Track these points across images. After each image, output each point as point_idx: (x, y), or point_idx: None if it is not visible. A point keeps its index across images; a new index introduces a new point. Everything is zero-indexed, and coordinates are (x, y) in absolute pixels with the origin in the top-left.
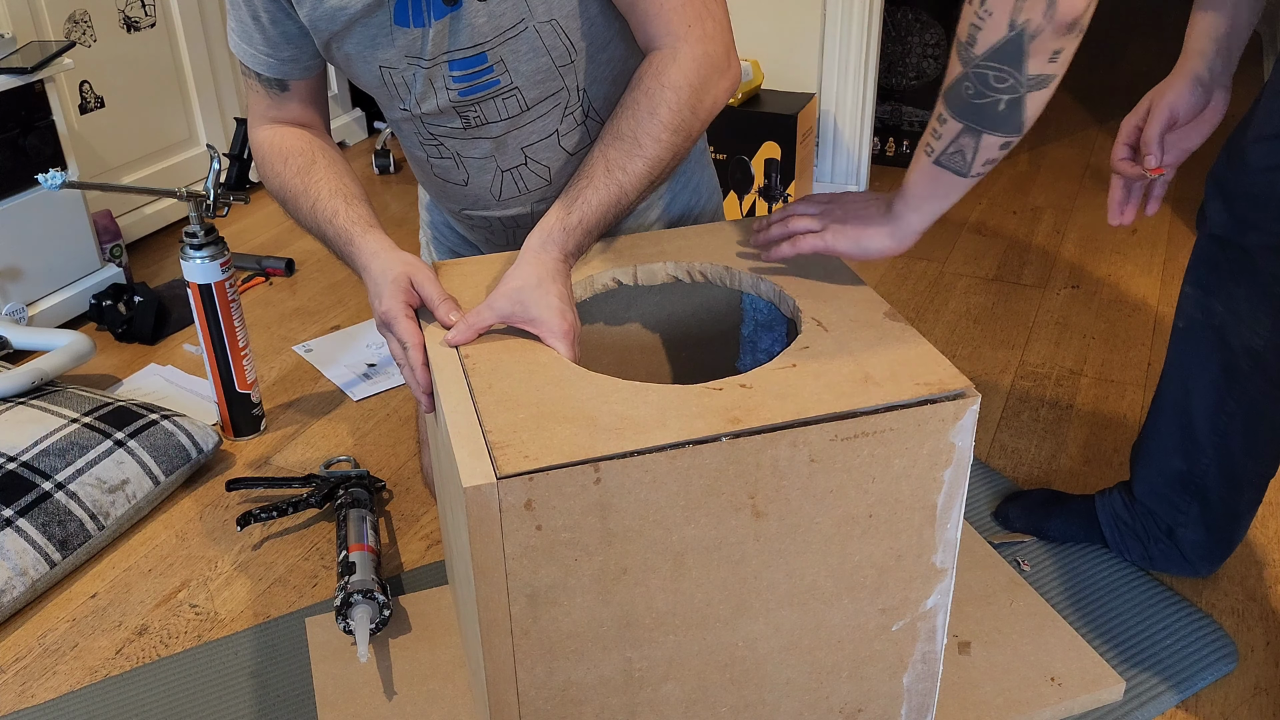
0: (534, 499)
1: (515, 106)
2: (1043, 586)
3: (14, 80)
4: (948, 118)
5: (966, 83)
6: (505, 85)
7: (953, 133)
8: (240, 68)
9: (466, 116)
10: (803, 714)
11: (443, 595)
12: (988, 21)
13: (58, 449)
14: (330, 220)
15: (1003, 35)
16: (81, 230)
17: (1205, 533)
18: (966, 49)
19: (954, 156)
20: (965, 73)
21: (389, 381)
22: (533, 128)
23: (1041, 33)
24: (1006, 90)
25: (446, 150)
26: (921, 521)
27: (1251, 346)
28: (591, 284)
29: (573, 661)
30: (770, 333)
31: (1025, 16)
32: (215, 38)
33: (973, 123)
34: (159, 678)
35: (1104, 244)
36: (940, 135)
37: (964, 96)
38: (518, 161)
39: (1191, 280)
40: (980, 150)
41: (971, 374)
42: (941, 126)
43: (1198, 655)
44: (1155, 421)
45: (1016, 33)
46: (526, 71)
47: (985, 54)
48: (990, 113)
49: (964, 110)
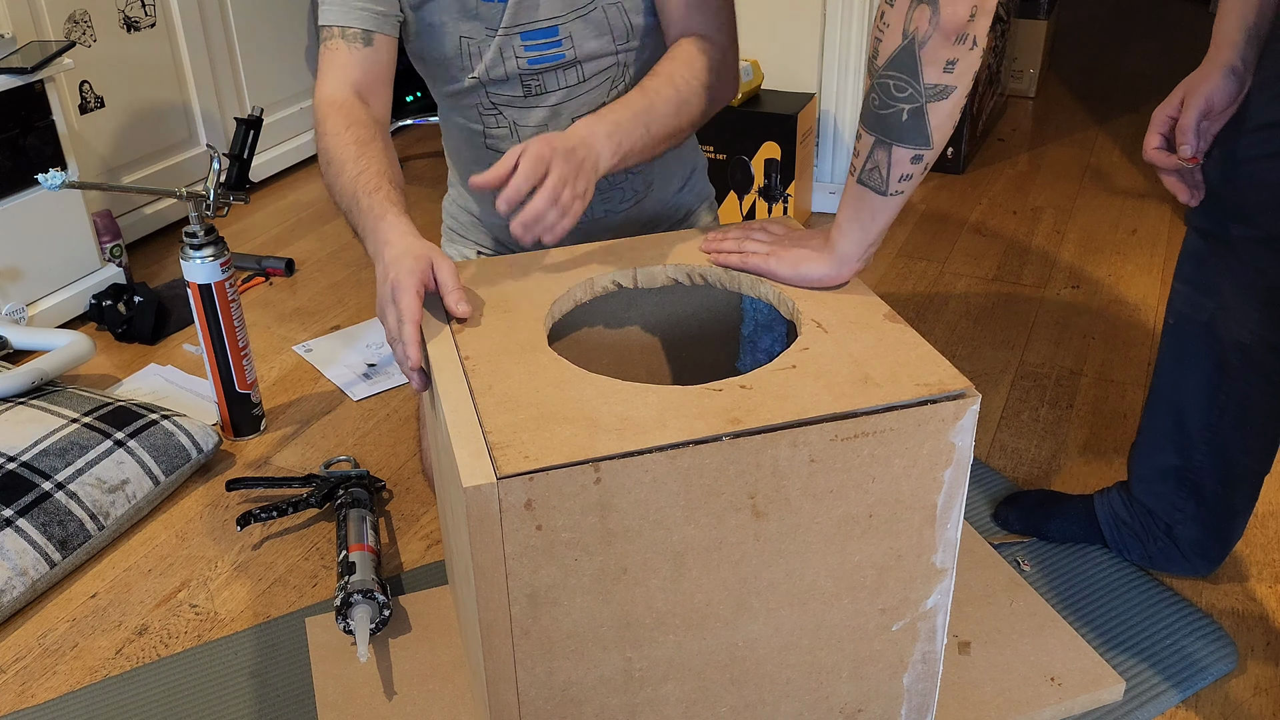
0: (534, 499)
1: (574, 78)
2: (1043, 586)
3: (14, 80)
4: (861, 132)
5: (873, 94)
6: (569, 58)
7: (867, 147)
8: (322, 33)
9: (529, 85)
10: (803, 714)
11: (443, 595)
12: (886, 33)
13: (58, 449)
14: (370, 192)
15: (898, 44)
16: (81, 230)
17: (1203, 530)
18: (871, 61)
19: (872, 173)
20: (871, 84)
21: (389, 381)
22: (584, 99)
23: (929, 40)
24: (906, 99)
25: (504, 119)
26: (921, 521)
27: (1240, 340)
28: (591, 286)
29: (573, 661)
30: (770, 333)
31: (914, 25)
32: (215, 38)
33: (882, 135)
34: (159, 678)
35: (1104, 244)
36: (858, 152)
37: (871, 108)
38: None
39: (1180, 276)
40: (893, 164)
41: (971, 374)
42: (858, 143)
43: (1198, 655)
44: (1149, 419)
45: (909, 40)
46: (589, 47)
47: (885, 64)
48: (895, 123)
49: (873, 122)
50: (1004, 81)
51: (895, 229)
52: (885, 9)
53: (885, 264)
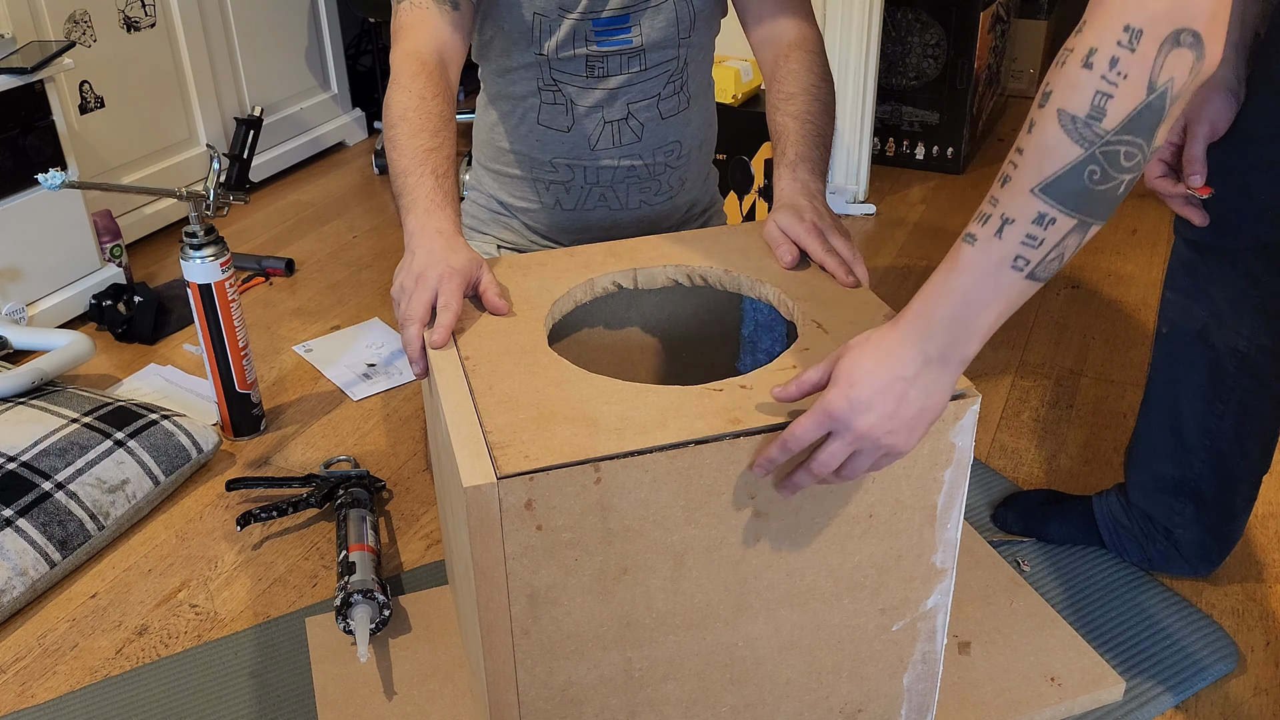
0: (534, 499)
1: (636, 65)
2: (1043, 586)
3: (14, 80)
4: (1057, 215)
5: (1092, 166)
6: (635, 45)
7: (1059, 234)
8: None
9: (593, 66)
10: (803, 714)
11: (443, 595)
12: (1121, 86)
13: (58, 449)
14: (442, 175)
15: (1140, 101)
16: (81, 230)
17: (1203, 533)
18: (1090, 124)
19: (1051, 264)
20: (1090, 154)
21: (389, 381)
22: (642, 87)
23: (1185, 92)
24: (1134, 168)
25: (562, 96)
26: (921, 521)
27: (1236, 348)
28: (592, 287)
29: (573, 661)
30: (770, 333)
31: (1169, 75)
32: (215, 38)
33: (1088, 215)
34: (159, 678)
35: (1104, 244)
36: (1041, 241)
37: (1087, 184)
38: (621, 116)
39: (1171, 285)
40: (1077, 248)
41: (971, 374)
42: (1045, 230)
43: (1198, 655)
44: (1145, 427)
45: (1158, 94)
46: (655, 37)
47: (1121, 126)
48: (1110, 199)
49: (1083, 201)
50: (1004, 81)
51: (894, 230)
52: (1116, 54)
53: (885, 264)
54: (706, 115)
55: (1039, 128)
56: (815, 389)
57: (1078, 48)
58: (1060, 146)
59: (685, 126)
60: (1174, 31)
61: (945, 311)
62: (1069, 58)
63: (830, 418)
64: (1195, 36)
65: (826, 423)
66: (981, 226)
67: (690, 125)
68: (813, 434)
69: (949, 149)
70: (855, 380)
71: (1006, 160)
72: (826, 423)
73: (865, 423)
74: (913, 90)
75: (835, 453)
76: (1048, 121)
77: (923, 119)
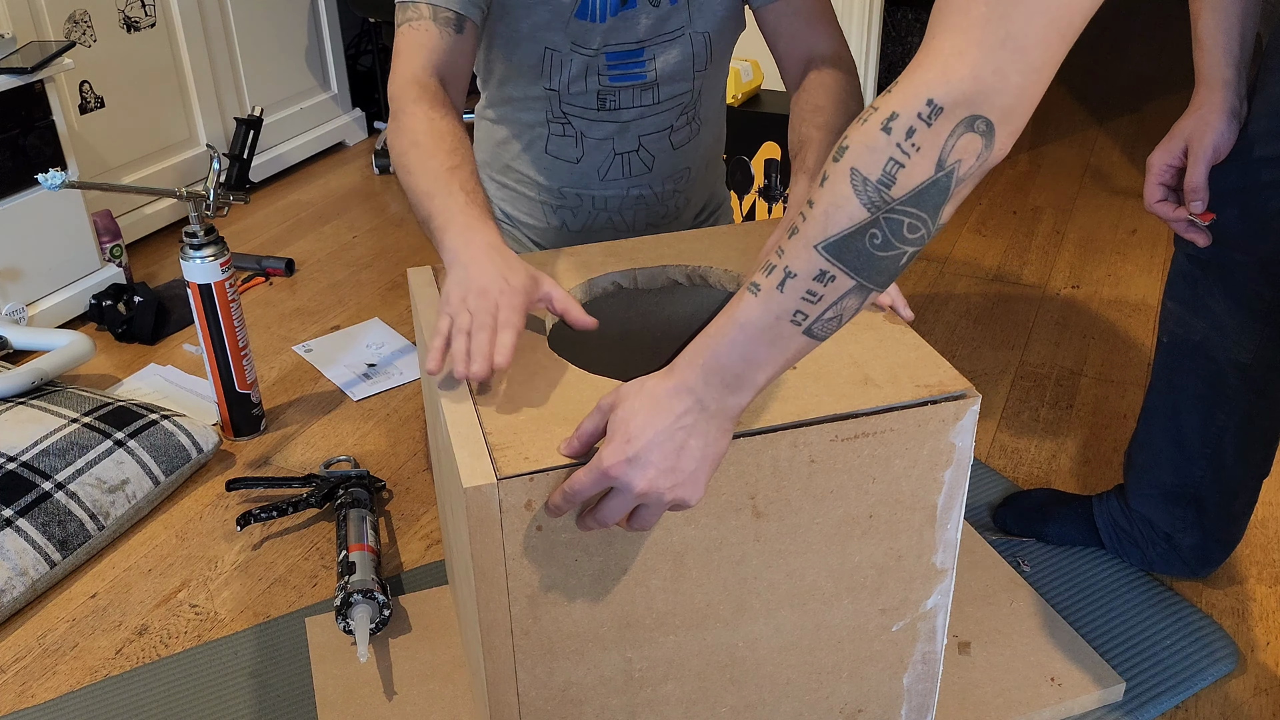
0: (534, 499)
1: (649, 98)
2: (1043, 586)
3: (14, 80)
4: (836, 273)
5: (874, 230)
6: (649, 80)
7: (837, 293)
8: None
9: (604, 100)
10: (803, 714)
11: (443, 595)
12: (914, 157)
13: (58, 449)
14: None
15: (928, 176)
16: (81, 230)
17: (1203, 536)
18: (879, 189)
19: (829, 323)
20: (874, 219)
21: (389, 381)
22: (655, 120)
23: (969, 177)
24: (917, 241)
25: (571, 129)
26: (921, 522)
27: (1238, 360)
28: (592, 287)
29: (573, 661)
30: None
31: (957, 157)
32: (215, 38)
33: (866, 279)
34: (159, 678)
35: (1104, 244)
36: (820, 298)
37: (867, 248)
38: (632, 147)
39: (1172, 296)
40: (857, 310)
41: (971, 374)
42: (825, 287)
43: (1198, 655)
44: (1145, 434)
45: (945, 174)
46: (669, 71)
47: (905, 198)
48: (890, 268)
49: (863, 264)
50: None
51: None
52: (914, 125)
53: None
54: (716, 132)
55: (830, 183)
56: (595, 439)
57: (882, 108)
58: (848, 205)
59: (695, 151)
60: (970, 116)
61: (722, 362)
62: (872, 117)
63: (607, 476)
64: (989, 125)
65: (604, 480)
66: (766, 277)
67: (700, 148)
68: (591, 490)
69: None
70: (631, 435)
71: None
72: (604, 480)
73: (644, 480)
74: None
75: (616, 508)
76: (839, 178)
77: None
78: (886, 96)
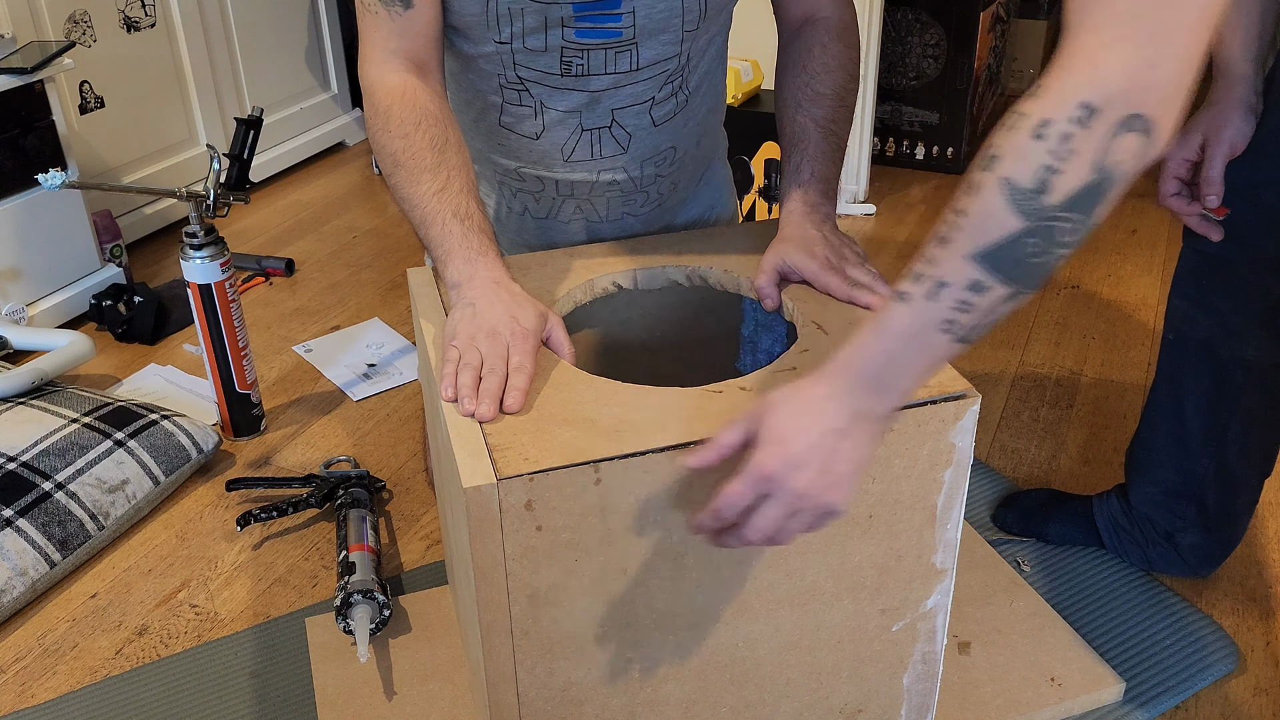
0: (534, 499)
1: (626, 64)
2: (1043, 587)
3: (14, 80)
4: (991, 282)
5: (1031, 238)
6: (626, 39)
7: (994, 301)
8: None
9: (569, 62)
10: (803, 714)
11: (443, 595)
12: (1069, 163)
13: (58, 449)
14: (464, 218)
15: (1085, 180)
16: (81, 230)
17: (1204, 535)
18: (1034, 197)
19: (980, 329)
20: (1030, 227)
21: (389, 381)
22: (632, 90)
23: (1127, 177)
24: (1069, 245)
25: (529, 97)
26: (921, 522)
27: (1243, 358)
28: (591, 287)
29: (573, 661)
30: (771, 333)
31: (1117, 159)
32: (215, 38)
33: (1022, 285)
34: (159, 678)
35: (1104, 244)
36: (973, 306)
37: (1022, 255)
38: (603, 123)
39: (1178, 292)
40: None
41: (971, 374)
42: (978, 295)
43: (1198, 655)
44: (1148, 432)
45: (1104, 177)
46: (653, 29)
47: (1063, 202)
48: (1044, 271)
49: (1019, 273)
50: (1004, 81)
51: (894, 230)
52: (1068, 130)
53: (886, 265)
54: (712, 103)
55: (982, 194)
56: (734, 451)
57: (1031, 115)
58: (1001, 215)
59: (683, 126)
60: (1128, 115)
61: (871, 369)
62: (1020, 124)
63: (765, 479)
64: (1147, 123)
65: (761, 485)
66: (916, 285)
67: (690, 122)
68: (747, 498)
69: (949, 149)
70: (786, 437)
71: (946, 216)
72: (761, 485)
73: (802, 481)
74: (913, 90)
75: (771, 518)
76: (991, 188)
77: (923, 119)
78: (1033, 101)
